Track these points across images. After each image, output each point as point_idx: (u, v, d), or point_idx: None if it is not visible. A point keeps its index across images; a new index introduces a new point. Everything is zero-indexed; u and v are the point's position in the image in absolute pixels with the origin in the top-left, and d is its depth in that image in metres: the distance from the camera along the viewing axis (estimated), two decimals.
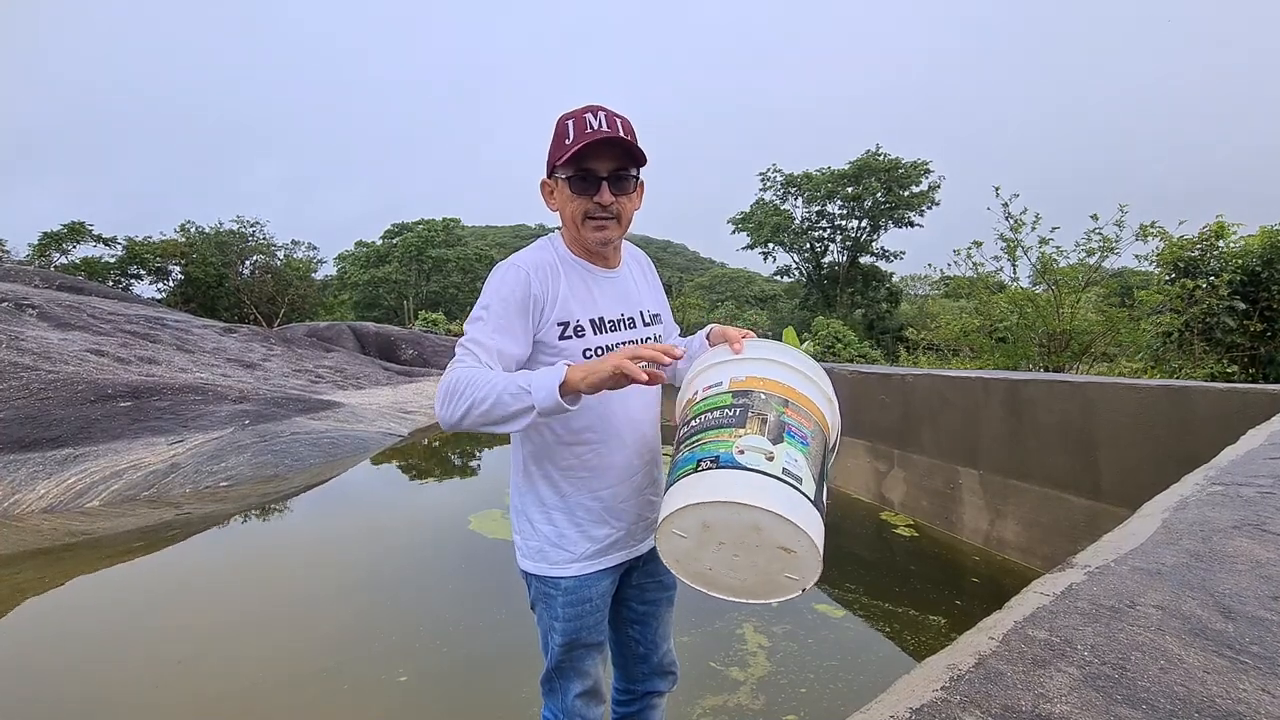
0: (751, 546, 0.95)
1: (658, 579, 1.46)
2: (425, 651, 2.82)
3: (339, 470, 6.68)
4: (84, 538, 4.55)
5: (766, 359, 1.15)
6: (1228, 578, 0.87)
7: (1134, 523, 1.13)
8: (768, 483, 0.93)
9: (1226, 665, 0.67)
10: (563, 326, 1.23)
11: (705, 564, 1.00)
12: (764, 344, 1.21)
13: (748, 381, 1.09)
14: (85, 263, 28.47)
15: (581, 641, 1.30)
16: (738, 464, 0.95)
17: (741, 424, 1.01)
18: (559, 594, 1.28)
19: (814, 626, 3.11)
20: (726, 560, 0.98)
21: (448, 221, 45.39)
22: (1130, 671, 0.65)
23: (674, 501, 0.96)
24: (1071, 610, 0.78)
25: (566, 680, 1.33)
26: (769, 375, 1.11)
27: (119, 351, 8.84)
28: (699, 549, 0.98)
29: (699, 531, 0.96)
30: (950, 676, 0.63)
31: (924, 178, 27.73)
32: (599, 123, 1.18)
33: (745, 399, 1.05)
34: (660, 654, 1.50)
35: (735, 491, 0.91)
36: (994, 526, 4.19)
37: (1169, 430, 3.27)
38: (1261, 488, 1.27)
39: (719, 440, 0.99)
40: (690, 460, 1.00)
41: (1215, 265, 7.53)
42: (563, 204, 1.25)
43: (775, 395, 1.06)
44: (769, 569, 0.97)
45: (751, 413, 1.02)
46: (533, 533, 1.30)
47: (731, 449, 0.97)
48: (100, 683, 2.63)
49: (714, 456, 0.97)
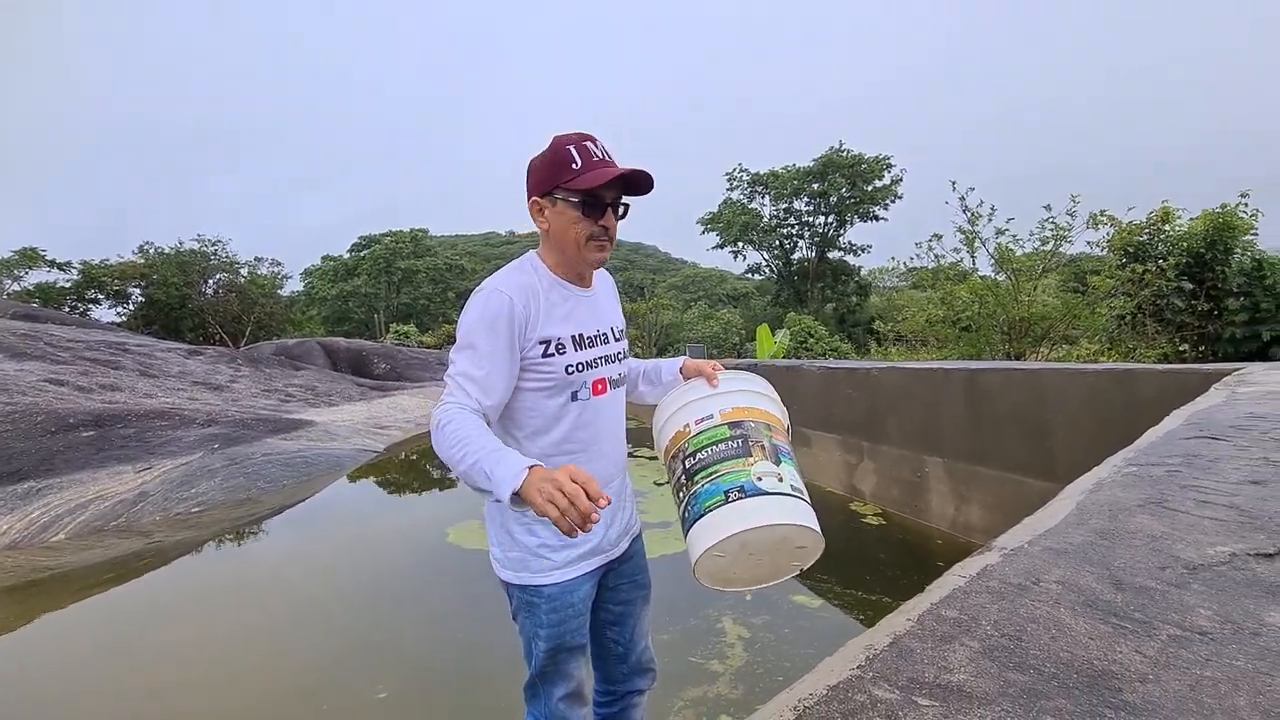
0: (773, 550, 1.14)
1: (633, 579, 1.50)
2: (404, 667, 2.84)
3: (313, 490, 6.61)
4: (50, 573, 4.45)
5: (742, 390, 1.31)
6: (1125, 552, 0.96)
7: (1053, 505, 1.22)
8: (788, 501, 1.12)
9: (1109, 631, 0.75)
10: (545, 345, 1.27)
11: (732, 571, 1.16)
12: (735, 376, 1.37)
13: (735, 413, 1.24)
14: (39, 289, 27.57)
15: (566, 645, 1.34)
16: (761, 490, 1.11)
17: (748, 454, 1.17)
18: (542, 601, 1.31)
19: (791, 617, 3.20)
20: (750, 564, 1.15)
21: (415, 232, 44.95)
22: (1024, 642, 0.73)
23: (720, 530, 1.09)
24: (982, 590, 0.86)
25: (550, 684, 1.36)
26: (752, 405, 1.27)
27: (79, 380, 8.63)
28: (732, 564, 1.14)
29: (737, 550, 1.11)
30: (866, 656, 0.71)
31: (886, 172, 28.23)
32: (602, 153, 1.28)
33: (741, 429, 1.20)
34: (638, 652, 1.54)
35: (771, 515, 1.09)
36: (960, 511, 4.34)
37: (1117, 412, 3.43)
38: (1170, 467, 1.38)
39: (736, 471, 1.14)
40: (716, 491, 1.13)
41: (1163, 249, 7.84)
42: (564, 225, 1.29)
43: (761, 422, 1.23)
44: (780, 561, 1.17)
45: (752, 442, 1.18)
46: (513, 544, 1.33)
47: (751, 477, 1.13)
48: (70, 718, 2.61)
49: (739, 486, 1.12)
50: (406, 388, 14.79)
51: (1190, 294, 7.51)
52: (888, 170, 28.20)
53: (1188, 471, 1.36)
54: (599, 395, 1.35)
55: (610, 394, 1.39)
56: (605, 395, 1.37)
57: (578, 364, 1.31)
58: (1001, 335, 8.46)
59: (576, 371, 1.30)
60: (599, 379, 1.35)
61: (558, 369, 1.28)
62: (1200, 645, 0.71)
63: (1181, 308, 7.60)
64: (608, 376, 1.38)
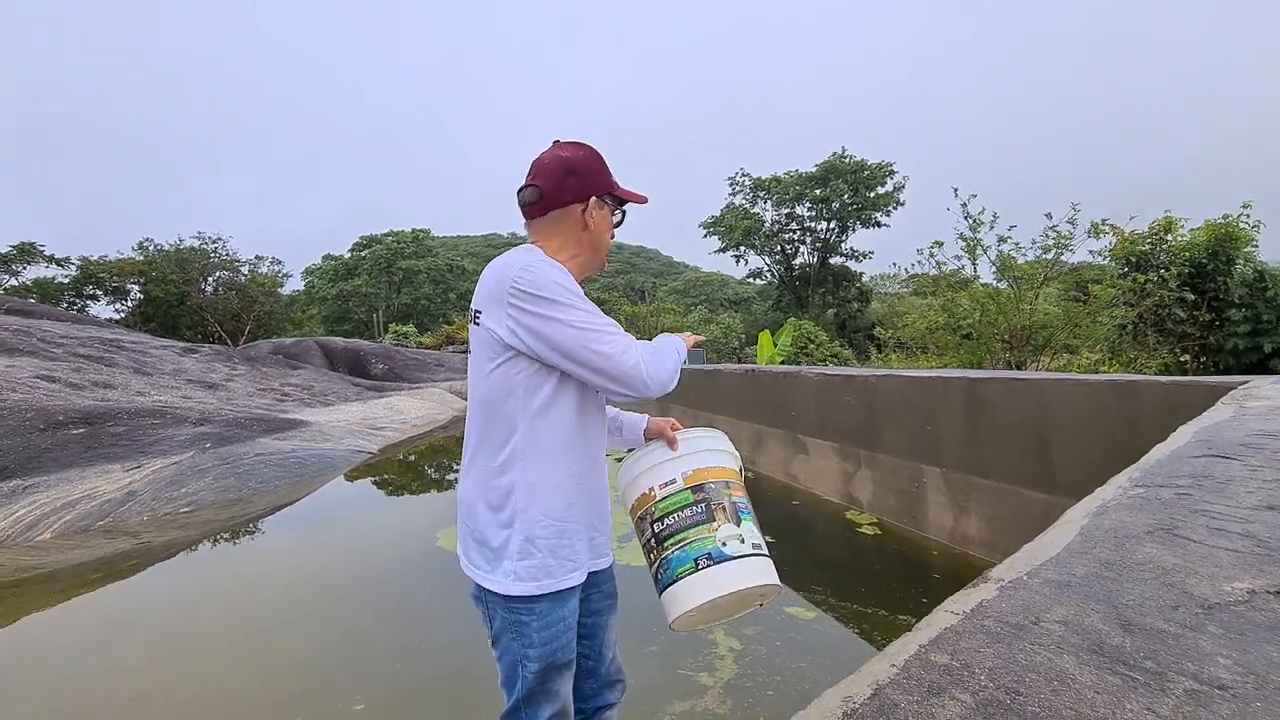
0: (740, 601, 1.29)
1: (602, 588, 1.46)
2: (383, 677, 2.77)
3: (305, 491, 6.53)
4: (35, 572, 4.38)
5: (701, 451, 1.42)
6: (1133, 588, 0.89)
7: (1053, 531, 1.14)
8: (750, 562, 1.26)
9: (1118, 684, 0.68)
10: None
11: (700, 621, 1.32)
12: (692, 436, 1.46)
13: (695, 475, 1.36)
14: (37, 284, 27.51)
15: (556, 663, 1.29)
16: (726, 556, 1.25)
17: (711, 518, 1.29)
18: (534, 618, 1.26)
19: (784, 629, 3.13)
20: (717, 613, 1.31)
21: (417, 232, 44.92)
22: (1023, 695, 0.65)
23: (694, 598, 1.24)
24: (977, 630, 0.79)
25: (536, 708, 1.30)
26: (711, 464, 1.39)
27: (71, 377, 8.56)
28: (703, 617, 1.30)
29: (707, 610, 1.26)
30: (844, 711, 0.63)
31: (889, 179, 28.18)
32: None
33: (703, 494, 1.33)
34: (607, 664, 1.49)
35: (738, 580, 1.24)
36: (958, 523, 4.26)
37: (1117, 424, 3.36)
38: (1180, 489, 1.30)
39: (702, 538, 1.28)
40: (686, 559, 1.27)
41: (1164, 259, 7.78)
42: (603, 228, 1.39)
43: (719, 481, 1.36)
44: (745, 604, 1.33)
45: (713, 505, 1.31)
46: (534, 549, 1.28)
47: (716, 543, 1.26)
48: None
49: (707, 554, 1.26)
50: (404, 388, 14.71)
51: (1192, 304, 7.44)
52: (890, 177, 28.17)
53: (1198, 494, 1.28)
54: (594, 403, 1.37)
55: (598, 399, 1.39)
56: (597, 402, 1.38)
57: None
58: (1002, 343, 8.39)
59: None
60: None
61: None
62: (1221, 703, 0.64)
63: (1183, 318, 7.53)
64: None
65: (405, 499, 6.57)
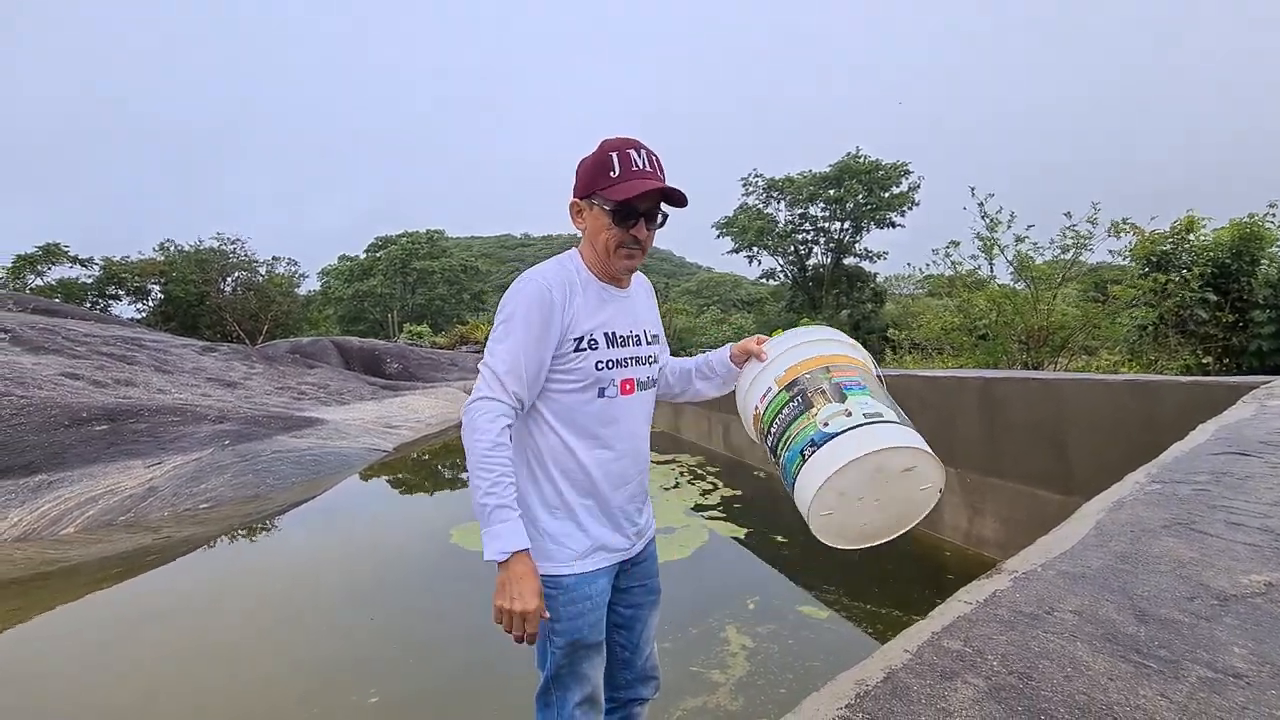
0: (882, 485, 1.12)
1: (644, 583, 1.48)
2: (397, 672, 2.80)
3: (321, 488, 6.61)
4: (59, 566, 4.47)
5: (790, 347, 1.34)
6: (1149, 579, 0.88)
7: (1068, 525, 1.14)
8: (859, 433, 1.11)
9: (1131, 671, 0.68)
10: (578, 340, 1.30)
11: (861, 522, 1.17)
12: (781, 339, 1.41)
13: (788, 374, 1.28)
14: (62, 284, 28.03)
15: (583, 641, 1.31)
16: (829, 435, 1.13)
17: (810, 406, 1.19)
18: (560, 593, 1.29)
19: (796, 627, 3.12)
20: (873, 508, 1.15)
21: (431, 233, 45.25)
22: (1035, 680, 0.66)
23: (809, 490, 1.12)
24: (990, 618, 0.79)
25: (565, 689, 1.33)
26: (801, 357, 1.30)
27: (95, 374, 8.72)
28: (846, 516, 1.15)
29: (838, 501, 1.12)
30: (857, 694, 0.64)
31: (903, 179, 27.92)
32: (643, 162, 1.29)
33: (797, 387, 1.24)
34: (644, 658, 1.51)
35: (845, 454, 1.08)
36: (972, 524, 4.22)
37: (1136, 425, 3.31)
38: (1198, 485, 1.29)
39: (804, 429, 1.17)
40: (794, 457, 1.17)
41: (1186, 259, 7.64)
42: (597, 229, 1.33)
43: (816, 369, 1.26)
44: (906, 493, 1.16)
45: (810, 393, 1.21)
46: (537, 532, 1.32)
47: (818, 428, 1.15)
48: (69, 715, 2.59)
49: (810, 441, 1.15)
50: (418, 388, 14.84)
51: (1215, 305, 7.31)
52: (905, 177, 27.92)
53: (1217, 490, 1.27)
54: (626, 395, 1.36)
55: (638, 395, 1.39)
56: (633, 395, 1.38)
57: (608, 361, 1.32)
58: (1019, 344, 8.29)
59: (606, 369, 1.32)
60: (628, 379, 1.36)
61: (588, 365, 1.30)
62: (1235, 690, 0.64)
63: (1205, 319, 7.39)
64: (637, 378, 1.39)
65: (420, 497, 6.63)
